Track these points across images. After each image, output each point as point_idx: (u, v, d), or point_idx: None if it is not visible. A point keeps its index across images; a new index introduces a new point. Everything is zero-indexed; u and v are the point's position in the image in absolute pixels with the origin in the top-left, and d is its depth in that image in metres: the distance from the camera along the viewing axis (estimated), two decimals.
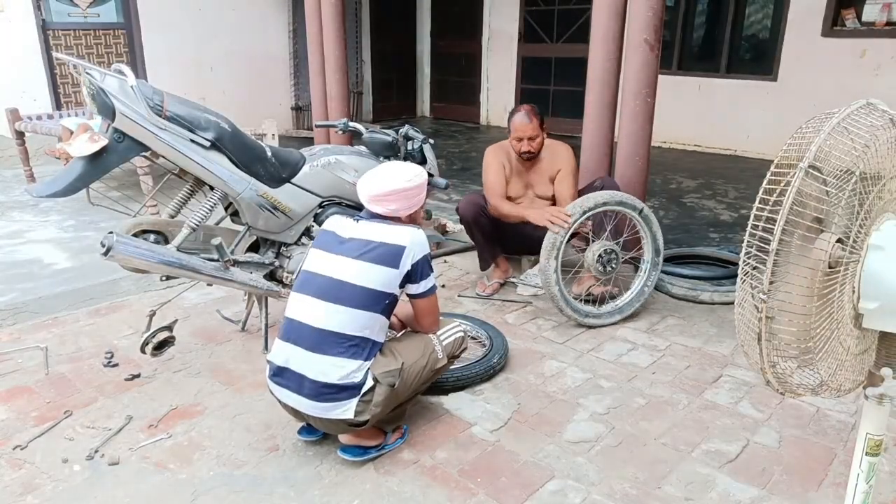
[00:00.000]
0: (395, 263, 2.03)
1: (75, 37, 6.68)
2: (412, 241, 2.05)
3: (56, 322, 3.13)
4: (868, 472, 1.44)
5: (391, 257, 2.03)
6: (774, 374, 1.31)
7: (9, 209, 4.92)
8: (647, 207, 3.22)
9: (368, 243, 2.04)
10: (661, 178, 6.05)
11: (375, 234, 2.07)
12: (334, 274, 2.03)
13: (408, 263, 2.04)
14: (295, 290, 2.12)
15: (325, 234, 2.16)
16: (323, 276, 2.05)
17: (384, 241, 2.04)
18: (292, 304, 2.09)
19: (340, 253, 2.06)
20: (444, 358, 2.21)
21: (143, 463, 2.13)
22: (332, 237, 2.12)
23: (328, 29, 5.45)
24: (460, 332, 2.30)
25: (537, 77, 8.59)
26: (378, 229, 2.08)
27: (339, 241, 2.10)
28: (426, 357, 2.15)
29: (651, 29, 3.37)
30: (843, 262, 1.25)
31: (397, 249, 2.03)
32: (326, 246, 2.11)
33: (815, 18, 6.35)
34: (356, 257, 2.03)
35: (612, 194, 3.16)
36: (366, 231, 2.08)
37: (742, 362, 2.78)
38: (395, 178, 2.10)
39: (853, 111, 1.25)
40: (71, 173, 2.31)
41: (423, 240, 2.09)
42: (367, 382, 2.00)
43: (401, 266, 2.03)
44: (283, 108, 8.28)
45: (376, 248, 2.03)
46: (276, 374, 2.06)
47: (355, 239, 2.07)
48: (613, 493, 2.01)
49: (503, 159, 3.42)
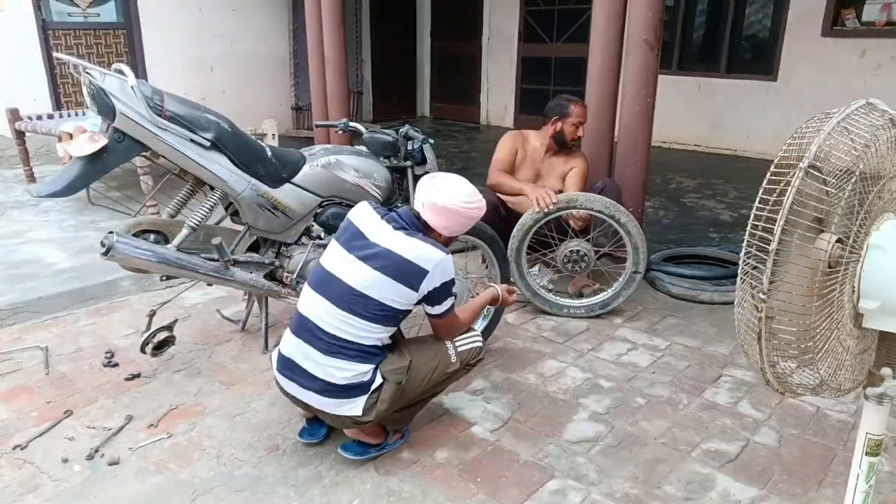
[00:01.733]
0: (415, 285, 1.96)
1: (75, 36, 6.68)
2: (437, 267, 1.97)
3: (56, 322, 3.13)
4: (868, 472, 1.44)
5: (412, 277, 1.96)
6: (774, 373, 1.31)
7: (9, 209, 4.91)
8: (633, 223, 3.16)
9: (394, 256, 1.95)
10: (661, 178, 6.05)
11: (405, 248, 1.96)
12: (353, 282, 1.97)
13: (427, 288, 1.98)
14: (311, 286, 2.06)
15: (351, 230, 2.06)
16: (341, 281, 1.98)
17: (411, 259, 1.95)
18: (307, 301, 2.05)
19: (362, 259, 1.97)
20: (458, 363, 2.16)
21: (143, 463, 2.13)
22: (358, 236, 2.02)
23: (328, 29, 5.45)
24: (478, 342, 2.25)
25: (537, 77, 8.59)
26: (409, 245, 1.97)
27: (363, 244, 2.00)
28: (437, 359, 2.12)
29: (651, 29, 3.37)
30: (843, 261, 1.25)
31: (420, 272, 1.96)
32: (349, 244, 2.02)
33: (815, 18, 6.35)
34: (377, 268, 1.95)
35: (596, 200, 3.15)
36: (396, 242, 1.97)
37: (742, 362, 2.79)
38: (471, 200, 2.05)
39: (853, 111, 1.25)
40: (71, 173, 2.31)
41: (449, 266, 2.01)
42: (377, 381, 2.00)
43: (420, 289, 1.98)
44: (283, 108, 8.28)
45: (401, 264, 1.95)
46: (285, 367, 2.05)
47: (381, 247, 1.97)
48: (613, 493, 2.01)
49: (518, 145, 3.50)
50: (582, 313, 3.28)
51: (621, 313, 3.31)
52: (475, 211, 2.08)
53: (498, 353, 2.90)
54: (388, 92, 9.47)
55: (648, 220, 4.51)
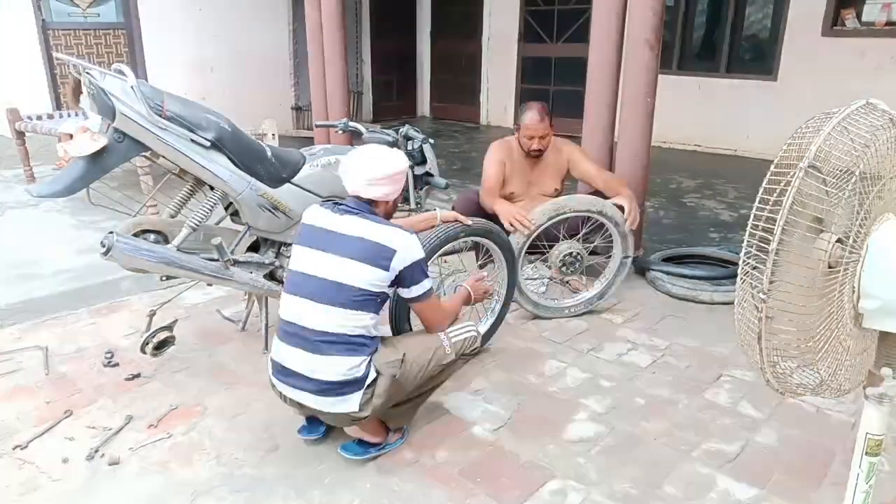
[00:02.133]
0: (384, 265, 1.98)
1: (75, 37, 6.69)
2: (403, 244, 2.00)
3: (56, 322, 3.13)
4: (868, 472, 1.44)
5: (380, 258, 1.98)
6: (774, 373, 1.31)
7: (9, 209, 4.92)
8: (618, 213, 3.15)
9: (358, 240, 1.98)
10: (661, 178, 6.05)
11: (366, 231, 2.00)
12: (325, 274, 1.99)
13: (398, 267, 1.99)
14: (287, 292, 2.09)
15: (308, 230, 2.09)
16: (314, 277, 2.01)
17: (374, 239, 1.98)
18: (287, 306, 2.07)
19: (329, 250, 2.00)
20: (453, 353, 2.16)
21: (143, 463, 2.13)
22: (317, 232, 2.06)
23: (328, 29, 5.45)
24: (473, 332, 2.25)
25: (537, 77, 8.58)
26: (370, 227, 2.01)
27: (325, 237, 2.03)
28: (432, 350, 2.13)
29: (651, 29, 3.37)
30: (843, 261, 1.25)
31: (387, 252, 1.98)
32: (312, 242, 2.05)
33: (815, 18, 6.35)
34: (346, 255, 1.98)
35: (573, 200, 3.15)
36: (354, 227, 2.01)
37: (742, 362, 2.78)
38: (388, 162, 2.07)
39: (853, 111, 1.25)
40: (71, 173, 2.31)
41: (414, 243, 2.04)
42: (371, 375, 2.00)
43: (390, 269, 1.99)
44: (283, 108, 8.28)
45: (367, 246, 1.97)
46: (279, 371, 2.07)
47: (342, 234, 2.01)
48: (613, 493, 2.01)
49: (505, 156, 3.43)
50: (582, 309, 3.28)
51: (621, 313, 3.31)
52: (402, 161, 2.11)
53: (498, 353, 2.90)
54: (388, 92, 9.47)
55: (648, 220, 4.51)
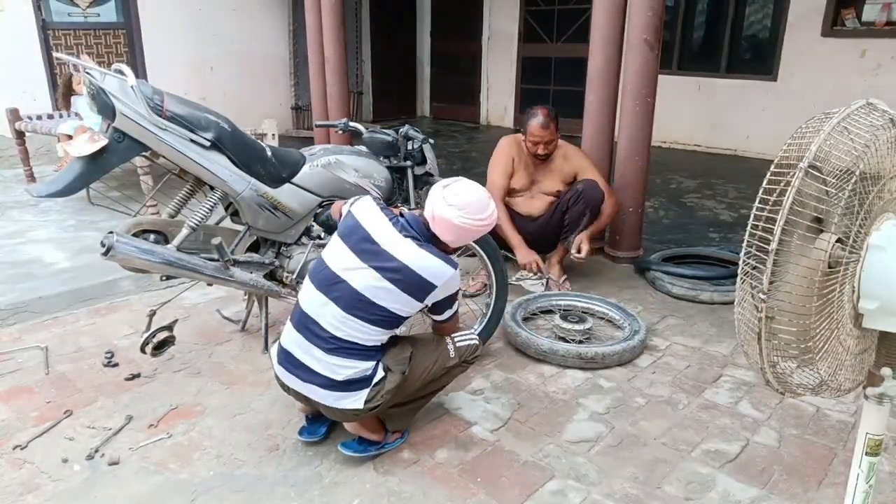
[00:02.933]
0: (421, 297, 1.98)
1: (75, 36, 6.68)
2: (445, 283, 1.98)
3: (56, 322, 3.13)
4: (868, 472, 1.44)
5: (420, 291, 1.96)
6: (774, 373, 1.31)
7: (9, 209, 4.92)
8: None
9: (406, 270, 1.93)
10: (661, 178, 6.05)
11: (417, 262, 1.94)
12: (358, 286, 1.94)
13: (432, 300, 2.01)
14: (315, 284, 2.03)
15: (360, 233, 2.01)
16: (348, 284, 1.96)
17: (420, 273, 1.94)
18: (310, 297, 2.02)
19: (370, 264, 1.95)
20: (456, 358, 2.19)
21: (143, 463, 2.13)
22: (367, 240, 1.98)
23: (328, 29, 5.45)
24: (475, 341, 2.28)
25: (537, 77, 8.59)
26: (422, 259, 1.95)
27: (374, 250, 1.96)
28: (437, 352, 2.16)
29: (651, 29, 3.38)
30: (843, 261, 1.25)
31: (429, 287, 1.96)
32: (358, 248, 1.98)
33: (815, 18, 6.35)
34: (389, 279, 1.93)
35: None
36: (408, 255, 1.95)
37: (742, 362, 2.78)
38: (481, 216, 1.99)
39: (853, 111, 1.25)
40: (71, 173, 2.30)
41: (455, 281, 2.02)
42: (379, 373, 2.01)
43: (427, 300, 2.00)
44: (283, 108, 8.28)
45: (412, 277, 1.94)
46: (285, 360, 2.04)
47: (391, 255, 1.94)
48: (613, 493, 2.01)
49: (514, 153, 3.51)
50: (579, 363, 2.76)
51: None
52: (484, 227, 2.04)
53: (498, 353, 2.90)
54: (388, 92, 9.47)
55: (648, 219, 4.52)
